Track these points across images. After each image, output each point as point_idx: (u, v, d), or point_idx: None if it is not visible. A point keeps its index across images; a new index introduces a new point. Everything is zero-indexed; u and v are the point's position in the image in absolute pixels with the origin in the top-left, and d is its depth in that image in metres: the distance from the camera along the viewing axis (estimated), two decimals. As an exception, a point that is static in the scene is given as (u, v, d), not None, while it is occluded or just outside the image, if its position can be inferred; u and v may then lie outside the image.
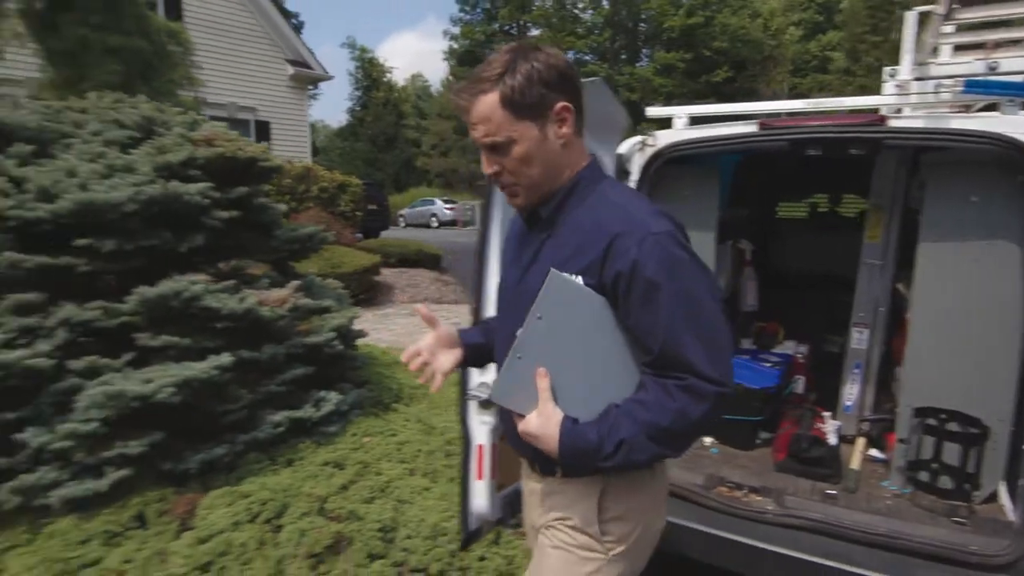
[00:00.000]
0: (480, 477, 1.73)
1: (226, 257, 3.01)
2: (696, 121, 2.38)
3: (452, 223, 24.87)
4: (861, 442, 2.68)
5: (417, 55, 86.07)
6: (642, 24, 33.93)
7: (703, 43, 30.04)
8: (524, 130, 1.04)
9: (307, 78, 13.57)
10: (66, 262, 2.51)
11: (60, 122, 3.02)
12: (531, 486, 1.27)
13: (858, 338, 2.83)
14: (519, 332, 1.06)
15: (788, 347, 3.39)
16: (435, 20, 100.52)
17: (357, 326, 3.65)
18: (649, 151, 2.33)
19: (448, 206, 25.87)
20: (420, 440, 3.22)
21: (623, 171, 2.32)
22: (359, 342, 3.73)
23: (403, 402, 3.71)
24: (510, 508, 1.81)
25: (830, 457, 2.53)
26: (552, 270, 1.04)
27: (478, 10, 36.63)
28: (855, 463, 2.48)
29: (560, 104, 1.06)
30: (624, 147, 2.33)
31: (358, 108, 41.54)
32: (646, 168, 2.32)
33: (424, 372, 1.21)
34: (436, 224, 24.99)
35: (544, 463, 1.17)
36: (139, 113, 3.17)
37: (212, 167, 2.97)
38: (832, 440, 2.71)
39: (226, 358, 2.58)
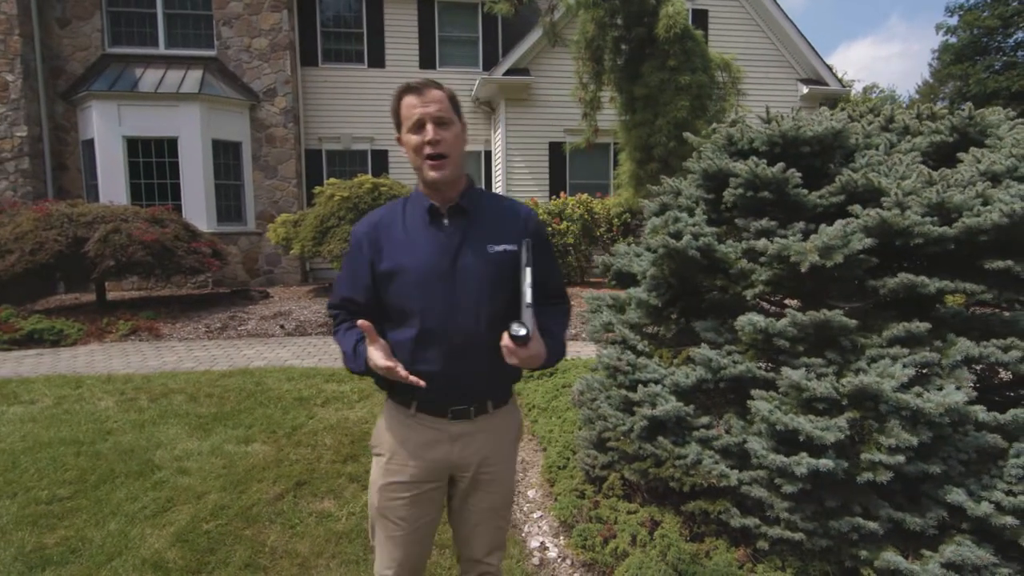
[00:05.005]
0: None
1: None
2: None
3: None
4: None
5: (869, 63, 75.84)
6: None
7: None
8: (456, 120, 1.46)
9: (820, 95, 12.60)
10: (966, 288, 2.08)
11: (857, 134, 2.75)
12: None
13: None
14: (526, 284, 1.36)
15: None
16: (898, 20, 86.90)
17: None
18: None
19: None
20: None
21: None
22: None
23: None
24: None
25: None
26: (525, 240, 1.43)
27: (990, -10, 29.48)
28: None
29: (464, 120, 1.51)
30: None
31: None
32: None
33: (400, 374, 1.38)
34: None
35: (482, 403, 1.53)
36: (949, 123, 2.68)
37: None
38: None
39: None
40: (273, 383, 5.22)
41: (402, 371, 1.38)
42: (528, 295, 1.36)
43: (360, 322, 1.38)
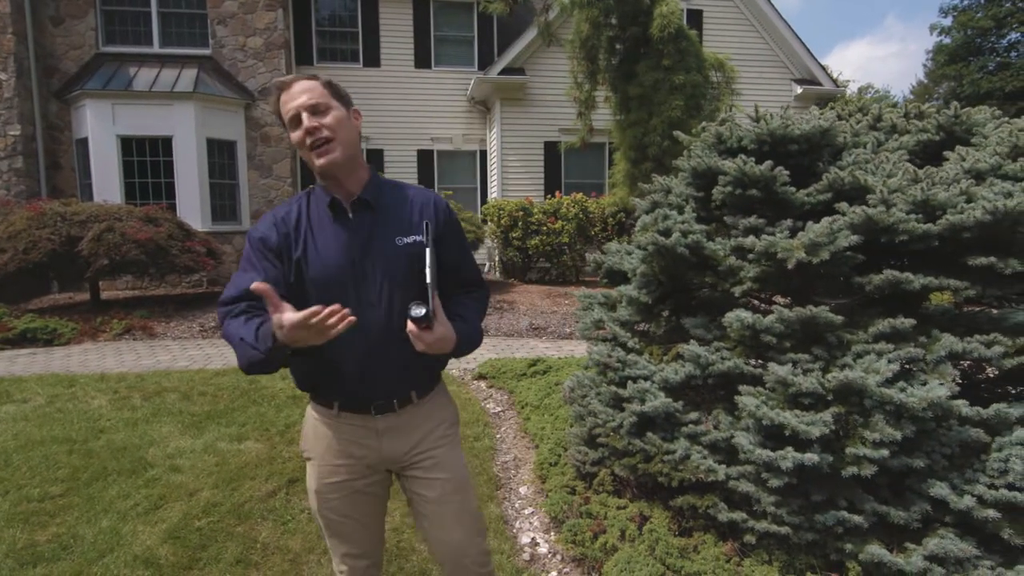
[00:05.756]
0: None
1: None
2: None
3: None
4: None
5: (866, 63, 76.10)
6: None
7: None
8: (337, 105, 1.42)
9: (814, 95, 12.66)
10: (950, 284, 2.10)
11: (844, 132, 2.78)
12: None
13: None
14: (428, 269, 1.34)
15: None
16: (895, 21, 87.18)
17: None
18: None
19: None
20: None
21: None
22: None
23: None
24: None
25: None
26: (426, 221, 1.45)
27: (984, -9, 29.58)
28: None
29: (355, 107, 1.49)
30: None
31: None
32: None
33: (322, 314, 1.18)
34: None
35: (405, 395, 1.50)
36: (937, 121, 2.71)
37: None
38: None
39: None
40: (267, 381, 5.22)
41: (324, 311, 1.17)
42: (428, 275, 1.33)
43: (256, 285, 1.20)
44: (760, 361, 2.38)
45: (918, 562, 1.87)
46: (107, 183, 10.40)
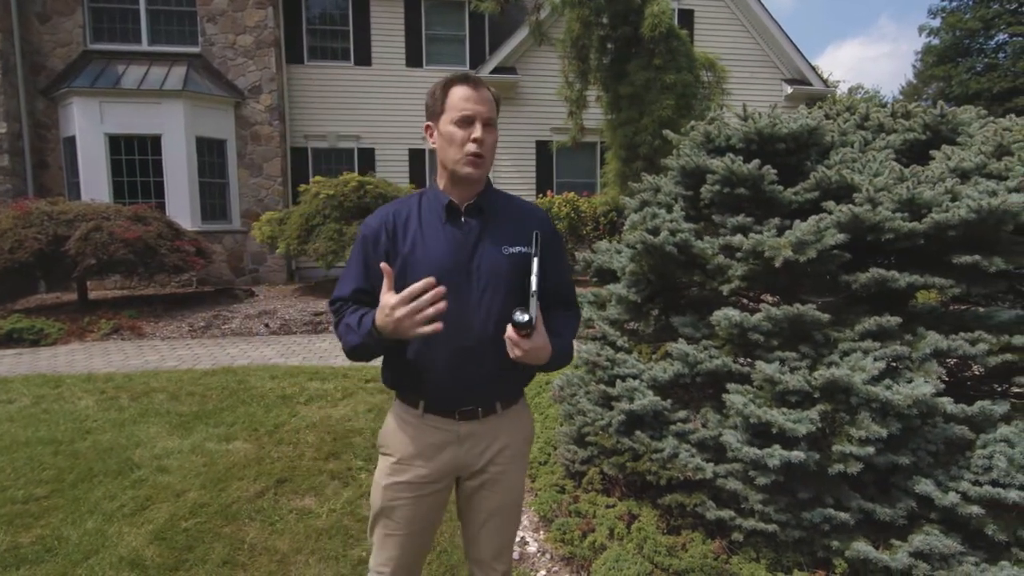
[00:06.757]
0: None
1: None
2: None
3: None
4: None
5: (858, 64, 76.66)
6: None
7: None
8: (496, 124, 1.48)
9: (804, 95, 12.72)
10: (935, 282, 2.11)
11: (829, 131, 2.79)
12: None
13: None
14: (534, 277, 1.36)
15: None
16: (888, 21, 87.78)
17: None
18: None
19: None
20: None
21: None
22: None
23: None
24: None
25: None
26: (535, 232, 1.45)
27: (972, -8, 29.82)
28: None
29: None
30: None
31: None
32: None
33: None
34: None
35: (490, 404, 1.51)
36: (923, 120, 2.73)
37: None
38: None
39: None
40: (256, 381, 5.19)
41: (423, 287, 1.28)
42: (533, 284, 1.35)
43: (383, 265, 1.35)
44: (748, 359, 2.39)
45: (903, 558, 1.88)
46: (95, 182, 10.31)
